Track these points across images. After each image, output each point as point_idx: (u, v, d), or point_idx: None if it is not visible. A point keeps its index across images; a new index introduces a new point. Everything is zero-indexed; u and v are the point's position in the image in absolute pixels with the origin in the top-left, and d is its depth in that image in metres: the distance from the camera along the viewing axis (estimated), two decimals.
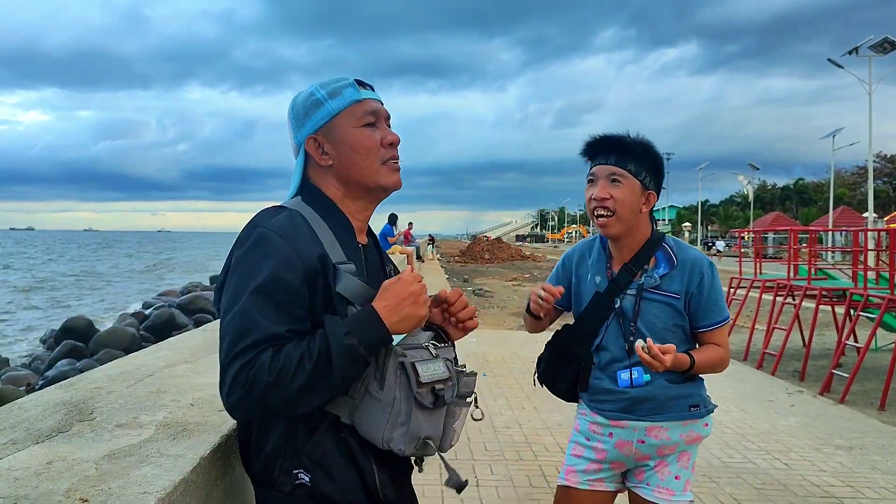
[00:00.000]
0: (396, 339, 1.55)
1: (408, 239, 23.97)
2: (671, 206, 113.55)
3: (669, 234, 2.44)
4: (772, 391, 7.92)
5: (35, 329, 22.59)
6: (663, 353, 2.11)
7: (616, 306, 2.36)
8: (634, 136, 2.33)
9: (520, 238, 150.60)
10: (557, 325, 2.62)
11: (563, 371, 2.48)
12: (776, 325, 9.65)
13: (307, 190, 1.69)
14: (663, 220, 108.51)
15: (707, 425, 2.43)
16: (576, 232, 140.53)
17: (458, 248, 56.23)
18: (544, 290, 2.31)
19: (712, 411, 2.44)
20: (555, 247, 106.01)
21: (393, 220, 15.74)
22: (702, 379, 2.44)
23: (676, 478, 2.38)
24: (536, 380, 2.59)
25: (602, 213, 2.30)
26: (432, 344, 1.62)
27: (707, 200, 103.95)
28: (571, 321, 2.54)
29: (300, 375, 1.39)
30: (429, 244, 31.56)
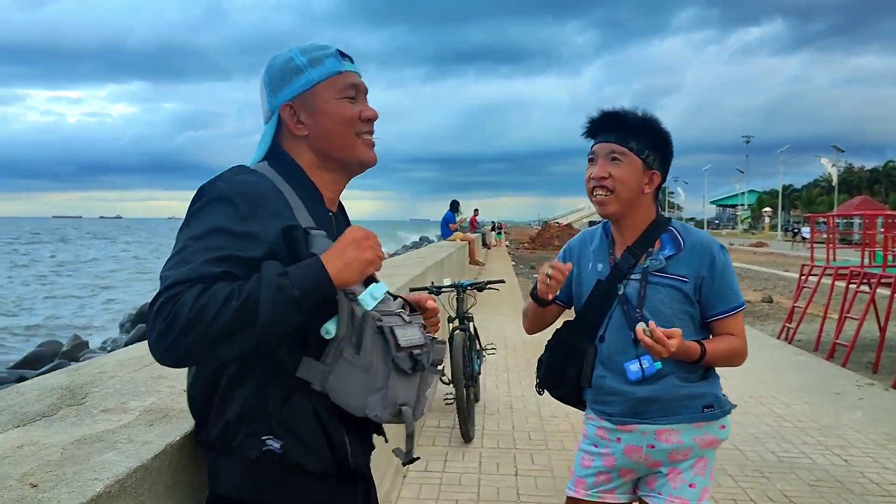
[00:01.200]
0: (371, 304, 1.50)
1: (473, 226, 23.93)
2: (751, 191, 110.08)
3: (674, 219, 2.31)
4: (840, 383, 7.56)
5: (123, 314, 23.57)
6: (668, 338, 1.98)
7: (619, 293, 2.22)
8: (640, 112, 2.21)
9: (593, 224, 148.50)
10: (559, 324, 2.50)
11: (566, 371, 2.33)
12: (848, 315, 9.20)
13: (277, 157, 1.65)
14: (742, 204, 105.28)
15: (724, 427, 2.28)
16: None
17: (528, 235, 55.79)
18: (553, 267, 2.19)
19: (729, 412, 2.29)
20: None
21: (454, 206, 15.67)
22: (717, 377, 2.30)
23: (691, 486, 2.22)
24: (537, 387, 2.47)
25: (600, 192, 2.19)
26: (403, 311, 1.61)
27: (790, 185, 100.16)
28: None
29: (224, 314, 1.30)
30: (493, 231, 31.43)
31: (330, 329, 1.48)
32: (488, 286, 5.75)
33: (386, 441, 1.70)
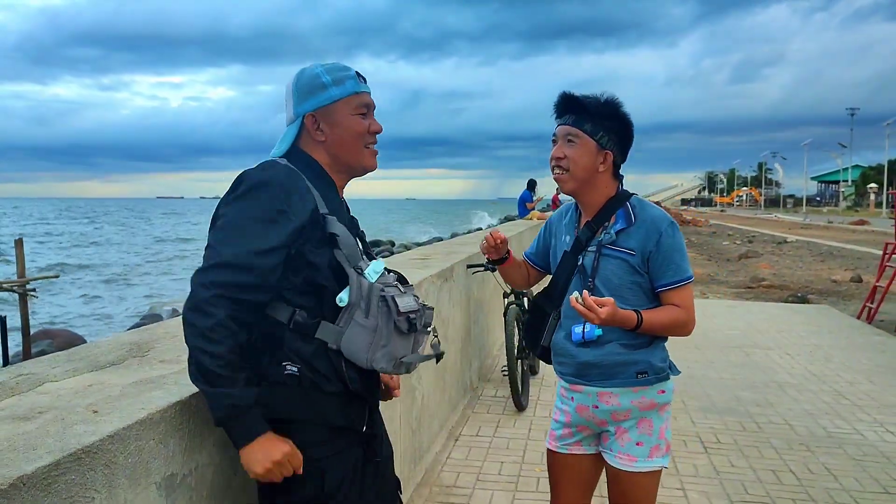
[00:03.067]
0: (374, 277, 1.87)
1: (556, 204, 23.84)
2: (855, 166, 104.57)
3: (636, 195, 2.48)
4: None
5: None
6: (601, 306, 2.17)
7: (579, 264, 2.45)
8: (602, 97, 2.39)
9: (685, 202, 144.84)
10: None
11: (539, 333, 2.57)
12: None
13: (295, 155, 1.98)
14: (846, 180, 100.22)
15: (663, 392, 2.43)
16: (746, 195, 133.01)
17: None
18: (490, 234, 2.54)
19: (665, 378, 2.43)
20: (721, 210, 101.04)
21: (531, 185, 15.74)
22: (658, 346, 2.44)
23: (638, 444, 2.41)
24: (524, 344, 2.75)
25: (558, 171, 2.41)
26: (398, 284, 1.95)
27: None
28: None
29: (203, 359, 1.70)
30: None
31: (343, 298, 1.85)
32: None
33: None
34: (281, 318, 1.86)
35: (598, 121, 2.37)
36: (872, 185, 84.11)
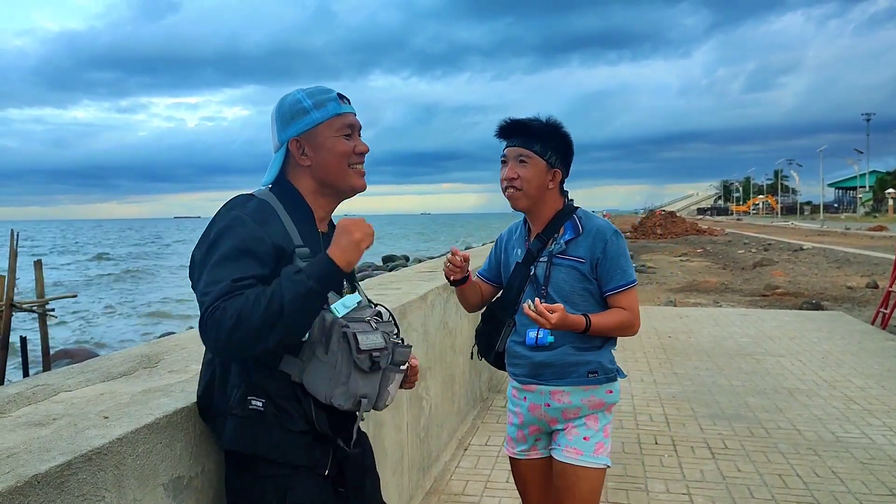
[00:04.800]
0: (342, 311, 1.85)
1: None
2: (872, 172, 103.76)
3: (581, 208, 2.64)
4: None
5: None
6: (551, 312, 2.32)
7: (531, 273, 2.59)
8: (543, 118, 2.55)
9: (701, 211, 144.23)
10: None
11: (493, 339, 2.71)
12: None
13: (279, 183, 2.00)
14: (863, 186, 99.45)
15: (611, 392, 2.59)
16: (763, 203, 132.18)
17: (631, 224, 54.98)
18: (452, 253, 2.62)
19: (614, 379, 2.59)
20: (738, 219, 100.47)
21: None
22: (607, 348, 2.60)
23: (585, 438, 2.55)
24: (475, 353, 2.82)
25: (511, 190, 2.54)
26: (374, 319, 1.93)
27: None
28: None
29: (256, 313, 1.62)
30: None
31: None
32: None
33: (362, 420, 2.01)
34: None
35: (544, 141, 2.54)
36: (890, 190, 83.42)
